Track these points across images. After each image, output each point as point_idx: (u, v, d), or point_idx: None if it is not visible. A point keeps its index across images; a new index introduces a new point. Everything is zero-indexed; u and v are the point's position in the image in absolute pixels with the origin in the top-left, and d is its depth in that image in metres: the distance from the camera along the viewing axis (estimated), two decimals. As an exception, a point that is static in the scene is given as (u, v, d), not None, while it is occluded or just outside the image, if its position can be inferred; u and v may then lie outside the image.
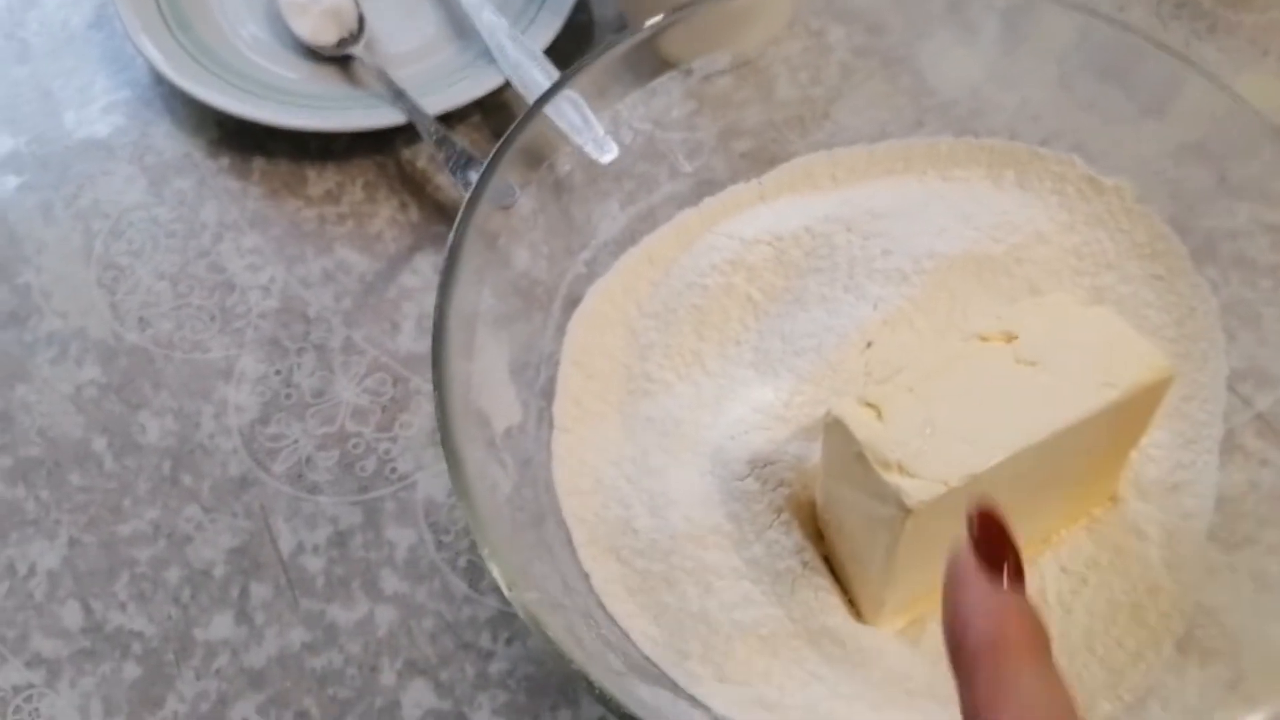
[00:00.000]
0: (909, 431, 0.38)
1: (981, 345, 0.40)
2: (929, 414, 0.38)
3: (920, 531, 0.38)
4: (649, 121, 0.53)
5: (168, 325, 0.58)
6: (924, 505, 0.37)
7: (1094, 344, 0.40)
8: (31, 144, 0.65)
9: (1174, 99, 0.53)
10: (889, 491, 0.37)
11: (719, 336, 0.49)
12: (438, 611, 0.50)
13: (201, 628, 0.50)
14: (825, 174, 0.54)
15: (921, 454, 0.37)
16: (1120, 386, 0.39)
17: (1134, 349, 0.40)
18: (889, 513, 0.38)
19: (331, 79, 0.66)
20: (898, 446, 0.38)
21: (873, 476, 0.38)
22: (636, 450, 0.46)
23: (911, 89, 0.59)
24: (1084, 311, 0.41)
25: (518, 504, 0.42)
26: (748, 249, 0.50)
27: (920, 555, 0.40)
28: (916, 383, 0.39)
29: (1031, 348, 0.40)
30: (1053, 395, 0.39)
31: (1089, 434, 0.39)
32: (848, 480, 0.40)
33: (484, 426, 0.42)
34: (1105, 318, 0.41)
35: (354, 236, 0.61)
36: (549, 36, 0.64)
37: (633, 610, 0.43)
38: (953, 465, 0.37)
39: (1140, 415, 0.42)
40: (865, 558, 0.41)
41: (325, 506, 0.53)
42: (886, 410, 0.39)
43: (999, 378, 0.39)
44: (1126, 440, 0.43)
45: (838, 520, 0.43)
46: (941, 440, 0.38)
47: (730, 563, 0.43)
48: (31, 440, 0.55)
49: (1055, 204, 0.51)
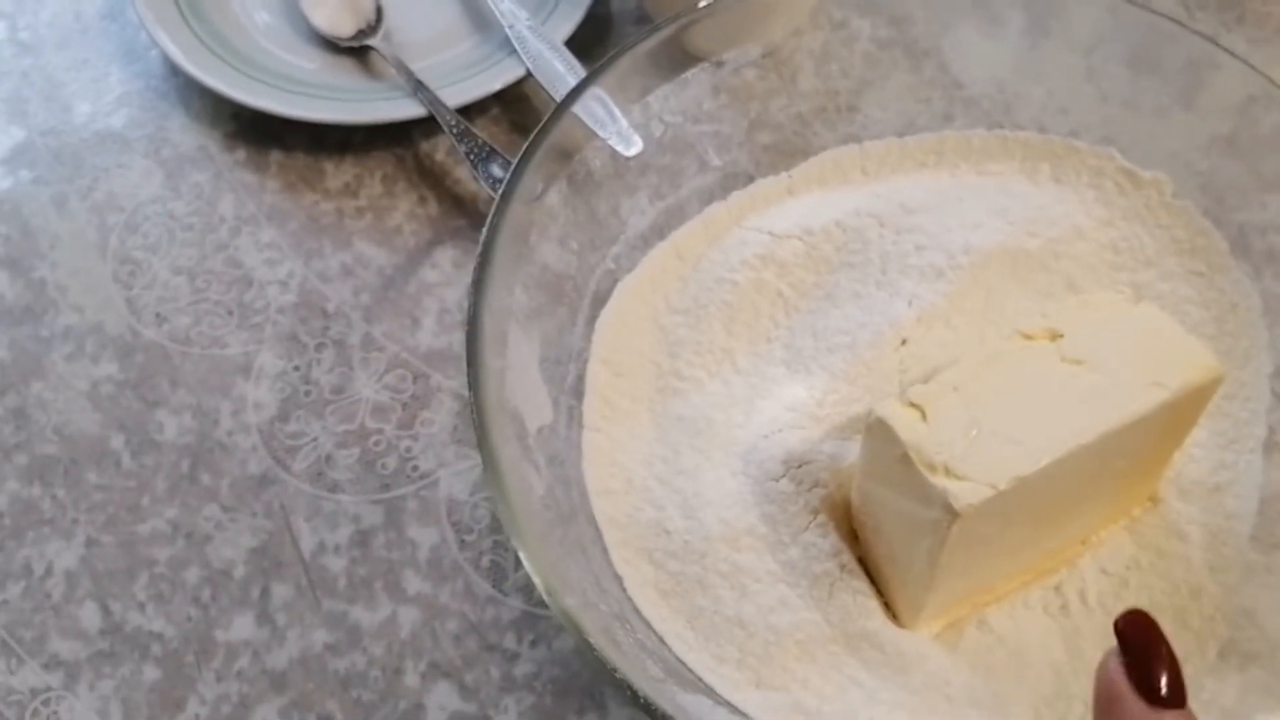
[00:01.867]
0: (955, 433, 0.37)
1: (1026, 343, 0.39)
2: (974, 414, 0.37)
3: (965, 535, 0.37)
4: (677, 115, 0.52)
5: (185, 321, 0.57)
6: (972, 509, 0.36)
7: (1142, 343, 0.39)
8: (45, 136, 0.64)
9: (1204, 89, 0.52)
10: (935, 494, 0.36)
11: (749, 333, 0.48)
12: (461, 612, 0.49)
13: (222, 629, 0.49)
14: (855, 167, 0.53)
15: (968, 456, 0.36)
16: (1170, 387, 0.38)
17: (1183, 348, 0.39)
18: (935, 516, 0.37)
19: (349, 70, 0.65)
20: (944, 448, 0.37)
21: (918, 479, 0.37)
22: (668, 450, 0.45)
23: (937, 81, 0.58)
24: (1131, 309, 0.40)
25: (550, 505, 0.41)
26: (778, 244, 0.49)
27: (964, 559, 0.39)
28: (961, 382, 0.38)
29: (1077, 346, 0.39)
30: (1101, 395, 0.38)
31: (1137, 435, 0.38)
32: (889, 483, 0.39)
33: (518, 426, 0.41)
34: (1152, 316, 0.40)
35: (372, 230, 0.60)
36: (569, 28, 0.63)
37: (667, 614, 0.42)
38: (1000, 467, 0.36)
39: (1188, 416, 0.41)
40: (905, 561, 0.40)
41: (346, 505, 0.52)
42: (931, 411, 0.38)
43: (1045, 377, 0.38)
44: (1172, 441, 0.42)
45: (875, 522, 0.42)
46: (988, 441, 0.37)
47: (766, 565, 0.42)
48: (48, 438, 0.54)
49: (1092, 198, 0.50)
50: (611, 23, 0.69)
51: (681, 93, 0.52)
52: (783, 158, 0.54)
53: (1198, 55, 0.49)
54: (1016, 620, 0.43)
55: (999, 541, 0.40)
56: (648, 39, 0.50)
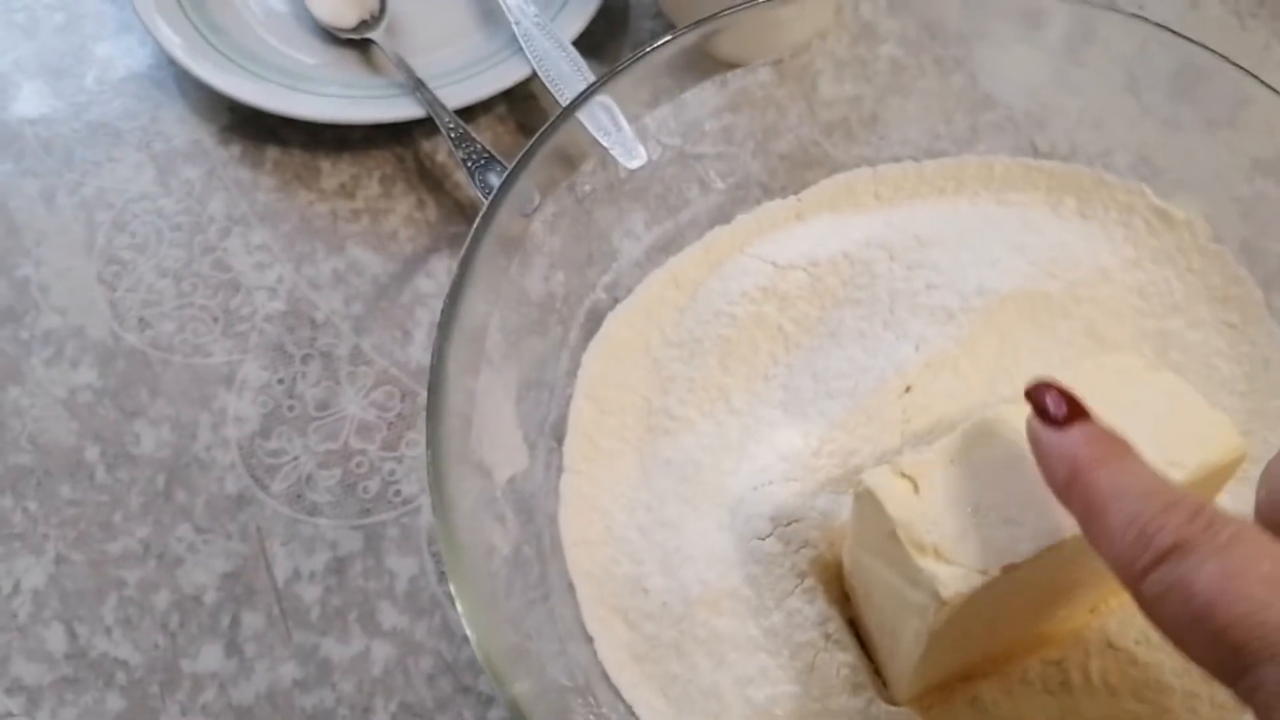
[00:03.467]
0: (947, 510, 0.34)
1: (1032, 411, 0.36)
2: (969, 491, 0.34)
3: (954, 620, 0.34)
4: (677, 135, 0.49)
5: (169, 326, 0.55)
6: (960, 597, 0.33)
7: (1159, 415, 0.36)
8: (36, 125, 0.62)
9: (1245, 110, 0.48)
10: (923, 578, 0.33)
11: (747, 370, 0.46)
12: (437, 650, 0.47)
13: (189, 658, 0.47)
14: (868, 191, 0.50)
15: (960, 538, 0.34)
16: (1188, 467, 0.35)
17: (1204, 422, 0.36)
18: (921, 600, 0.34)
19: (349, 64, 0.62)
20: (934, 527, 0.34)
21: (905, 558, 0.34)
22: (652, 497, 0.43)
23: (965, 91, 0.54)
24: (1150, 377, 0.37)
25: (517, 564, 0.39)
26: (781, 275, 0.46)
27: (955, 639, 0.36)
28: (957, 453, 0.35)
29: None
30: None
31: None
32: (879, 555, 0.36)
33: (485, 479, 0.39)
34: (1173, 385, 0.37)
35: (368, 235, 0.58)
36: (580, 24, 0.60)
37: (638, 680, 0.39)
38: (993, 553, 0.33)
39: (1208, 492, 0.38)
40: (893, 634, 0.38)
41: (324, 530, 0.50)
42: (924, 484, 0.35)
43: None
44: None
45: (865, 589, 0.39)
46: (982, 522, 0.34)
47: (747, 631, 0.39)
48: (22, 447, 0.52)
49: (1120, 237, 0.46)
50: (628, 17, 0.66)
51: (683, 111, 0.49)
52: (793, 178, 0.51)
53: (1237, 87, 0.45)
54: (1013, 697, 0.40)
55: (995, 620, 0.37)
56: (657, 48, 0.47)
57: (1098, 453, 0.30)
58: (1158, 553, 0.26)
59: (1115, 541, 0.28)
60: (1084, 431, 0.30)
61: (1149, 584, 0.27)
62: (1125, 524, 0.27)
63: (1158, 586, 0.26)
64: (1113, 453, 0.30)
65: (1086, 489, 0.29)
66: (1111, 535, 0.28)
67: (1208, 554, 0.26)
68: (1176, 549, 0.26)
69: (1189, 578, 0.26)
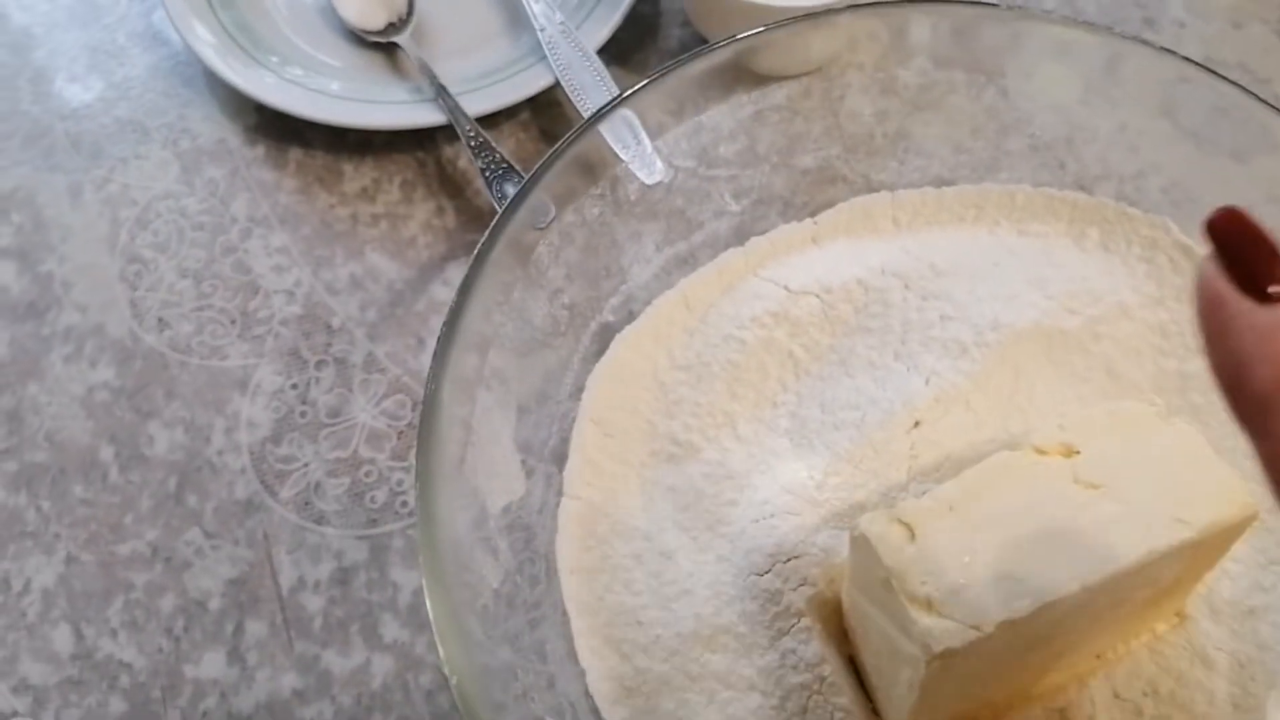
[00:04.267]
0: (944, 561, 0.33)
1: (1037, 459, 0.35)
2: (968, 541, 0.34)
3: (948, 671, 0.34)
4: (691, 158, 0.48)
5: (187, 328, 0.55)
6: (951, 652, 0.32)
7: (1168, 468, 0.35)
8: (66, 121, 0.62)
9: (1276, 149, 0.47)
10: (915, 631, 0.33)
11: (754, 396, 0.45)
12: (436, 666, 0.47)
13: (192, 664, 0.48)
14: (886, 216, 0.49)
15: (955, 590, 0.33)
16: (1196, 526, 0.34)
17: (1215, 478, 0.35)
18: (913, 651, 0.33)
19: (375, 68, 0.62)
20: (930, 578, 0.33)
21: (899, 607, 0.33)
22: (651, 525, 0.42)
23: (996, 108, 0.53)
24: (1160, 427, 0.36)
25: (508, 594, 0.39)
26: (793, 301, 0.46)
27: (950, 689, 0.35)
28: (958, 501, 0.34)
29: (1095, 467, 0.35)
30: (1114, 530, 0.34)
31: (1153, 571, 0.34)
32: (874, 600, 0.36)
33: (478, 509, 0.38)
34: (1185, 436, 0.36)
35: (386, 240, 0.58)
36: (606, 33, 0.60)
37: (627, 716, 0.39)
38: (988, 607, 0.33)
39: (1217, 549, 0.37)
40: (889, 679, 0.37)
41: (331, 539, 0.50)
42: (921, 532, 0.34)
43: (1053, 503, 0.34)
44: (1198, 569, 0.38)
45: (863, 630, 0.38)
46: (979, 575, 0.33)
47: (740, 670, 0.39)
48: (39, 444, 0.53)
49: (1143, 273, 0.45)
50: (658, 25, 0.65)
51: (698, 135, 0.48)
52: (814, 193, 0.51)
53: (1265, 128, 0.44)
54: (1013, 744, 0.39)
55: (992, 671, 0.36)
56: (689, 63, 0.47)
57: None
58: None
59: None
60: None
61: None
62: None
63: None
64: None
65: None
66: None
67: None
68: None
69: None
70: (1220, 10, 0.67)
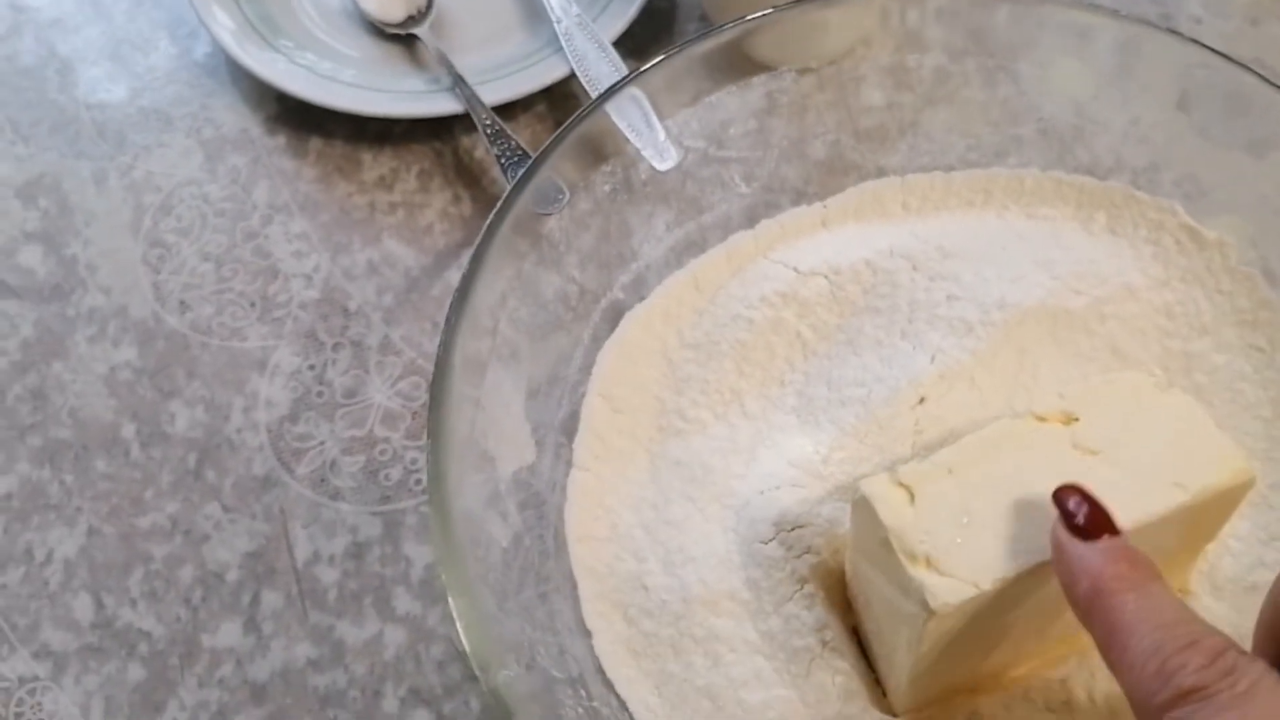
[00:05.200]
0: (942, 521, 0.34)
1: (1036, 426, 0.36)
2: (966, 502, 0.34)
3: (947, 631, 0.34)
4: (701, 138, 0.49)
5: (208, 310, 0.57)
6: (949, 608, 0.33)
7: (1166, 436, 0.35)
8: (92, 110, 0.63)
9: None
10: (913, 588, 0.33)
11: (762, 375, 0.46)
12: (448, 638, 0.48)
13: (209, 633, 0.49)
14: (896, 200, 0.49)
15: (953, 549, 0.33)
16: (1191, 489, 0.34)
17: (1211, 445, 0.35)
18: (912, 609, 0.34)
19: (394, 59, 0.63)
20: (928, 537, 0.34)
21: (898, 567, 0.34)
22: (659, 496, 0.43)
23: (1009, 102, 0.54)
24: (1159, 397, 0.36)
25: (516, 556, 0.39)
26: (802, 281, 0.46)
27: (948, 652, 0.36)
28: (957, 464, 0.35)
29: (1093, 434, 0.35)
30: (1111, 493, 0.34)
31: (1151, 536, 0.35)
32: (874, 563, 0.36)
33: (488, 472, 0.39)
34: (1183, 405, 0.36)
35: (403, 228, 0.59)
36: (621, 25, 0.61)
37: (634, 676, 0.40)
38: (986, 566, 0.33)
39: (1215, 517, 0.37)
40: (890, 644, 0.38)
41: (345, 515, 0.51)
42: (920, 494, 0.35)
43: (1052, 466, 0.35)
44: (1200, 539, 0.39)
45: (865, 597, 0.39)
46: (977, 534, 0.34)
47: (744, 634, 0.40)
48: (62, 421, 0.54)
49: (1149, 255, 0.46)
50: (674, 19, 0.66)
51: (711, 114, 0.49)
52: (824, 183, 0.51)
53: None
54: (1013, 713, 0.40)
55: (991, 633, 0.37)
56: (698, 44, 0.48)
57: (1123, 572, 0.29)
58: (1177, 691, 0.27)
59: (1135, 671, 0.28)
60: (1111, 548, 0.30)
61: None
62: (1147, 655, 0.27)
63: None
64: (1139, 576, 0.29)
65: (1109, 611, 0.29)
66: (1131, 663, 0.28)
67: (1225, 703, 0.26)
68: (1196, 691, 0.26)
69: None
70: (1238, 7, 0.67)
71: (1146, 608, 0.28)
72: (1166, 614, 0.28)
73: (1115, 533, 0.31)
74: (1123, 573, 0.29)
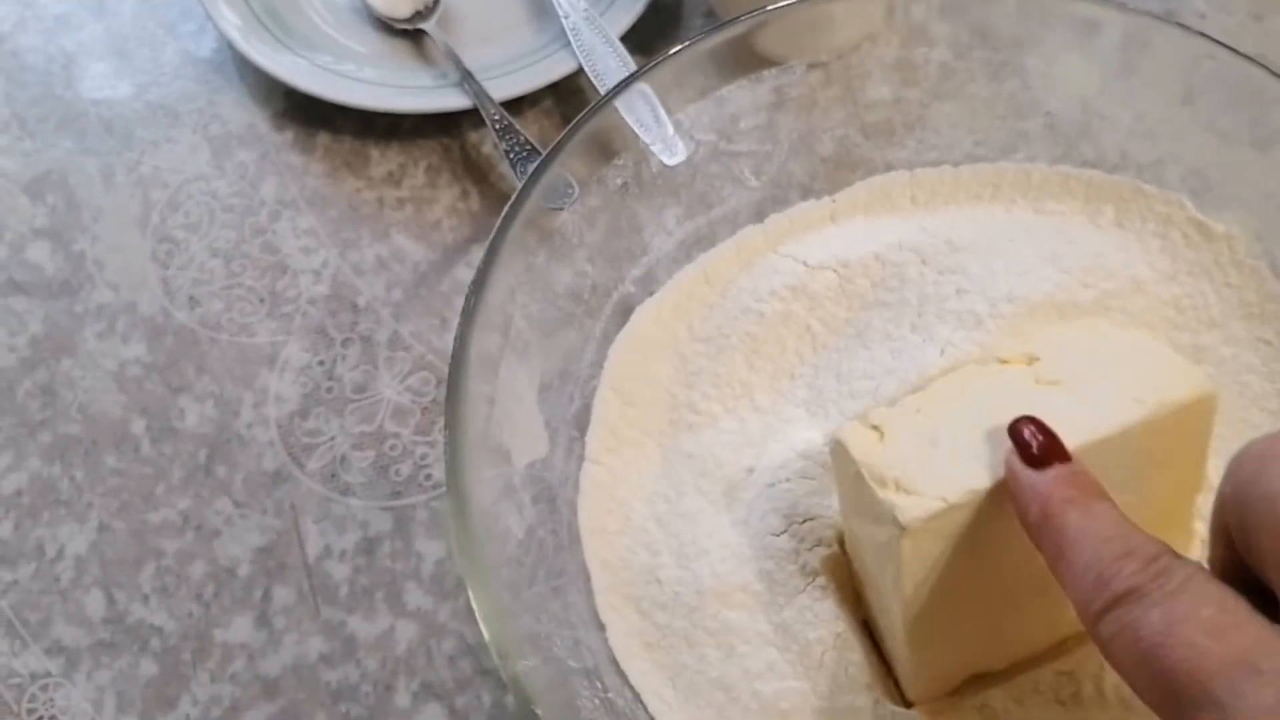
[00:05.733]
0: (910, 450, 0.35)
1: (1000, 367, 0.37)
2: (933, 433, 0.35)
3: (924, 555, 0.34)
4: (712, 132, 0.49)
5: (217, 305, 0.57)
6: (920, 523, 0.33)
7: (1124, 364, 0.36)
8: (98, 105, 0.64)
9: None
10: (884, 510, 0.34)
11: (772, 369, 0.46)
12: (459, 633, 0.48)
13: (221, 628, 0.49)
14: (904, 195, 0.50)
15: (920, 472, 0.34)
16: (1149, 404, 0.35)
17: (1171, 368, 0.36)
18: (887, 536, 0.34)
19: (402, 55, 0.63)
20: (897, 465, 0.34)
21: (871, 497, 0.35)
22: (671, 489, 0.43)
23: (1015, 97, 0.54)
24: (1119, 334, 0.37)
25: (530, 548, 0.40)
26: (811, 275, 0.46)
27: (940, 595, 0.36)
28: (925, 405, 0.36)
29: (1054, 368, 0.36)
30: (1072, 413, 0.34)
31: (1120, 459, 0.35)
32: (856, 510, 0.37)
33: (504, 464, 0.39)
34: (1143, 340, 0.37)
35: (411, 223, 0.59)
36: (629, 20, 0.61)
37: (648, 669, 0.40)
38: (954, 482, 0.34)
39: (1187, 449, 0.37)
40: (886, 605, 0.38)
41: (356, 510, 0.51)
42: (889, 431, 0.36)
43: (1015, 398, 0.35)
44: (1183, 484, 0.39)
45: (861, 565, 0.39)
46: (944, 458, 0.34)
47: (757, 626, 0.40)
48: (72, 417, 0.54)
49: (1157, 249, 0.46)
50: (680, 15, 0.66)
51: (720, 108, 0.49)
52: (831, 178, 0.51)
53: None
54: (1024, 705, 0.40)
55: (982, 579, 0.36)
56: (707, 39, 0.48)
57: (1070, 494, 0.31)
58: (1112, 596, 0.28)
59: (1077, 583, 0.29)
60: (1059, 472, 0.31)
61: (1103, 625, 0.28)
62: (1086, 567, 0.29)
63: (1110, 628, 0.28)
64: (1084, 497, 0.30)
65: (1057, 530, 0.30)
66: (1075, 576, 0.29)
67: (1156, 600, 0.27)
68: (1129, 594, 0.27)
69: (1137, 622, 0.27)
70: (1241, 3, 0.67)
71: (1089, 525, 0.29)
72: (1108, 529, 0.29)
73: (1065, 459, 0.32)
74: (1069, 495, 0.30)
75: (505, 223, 0.41)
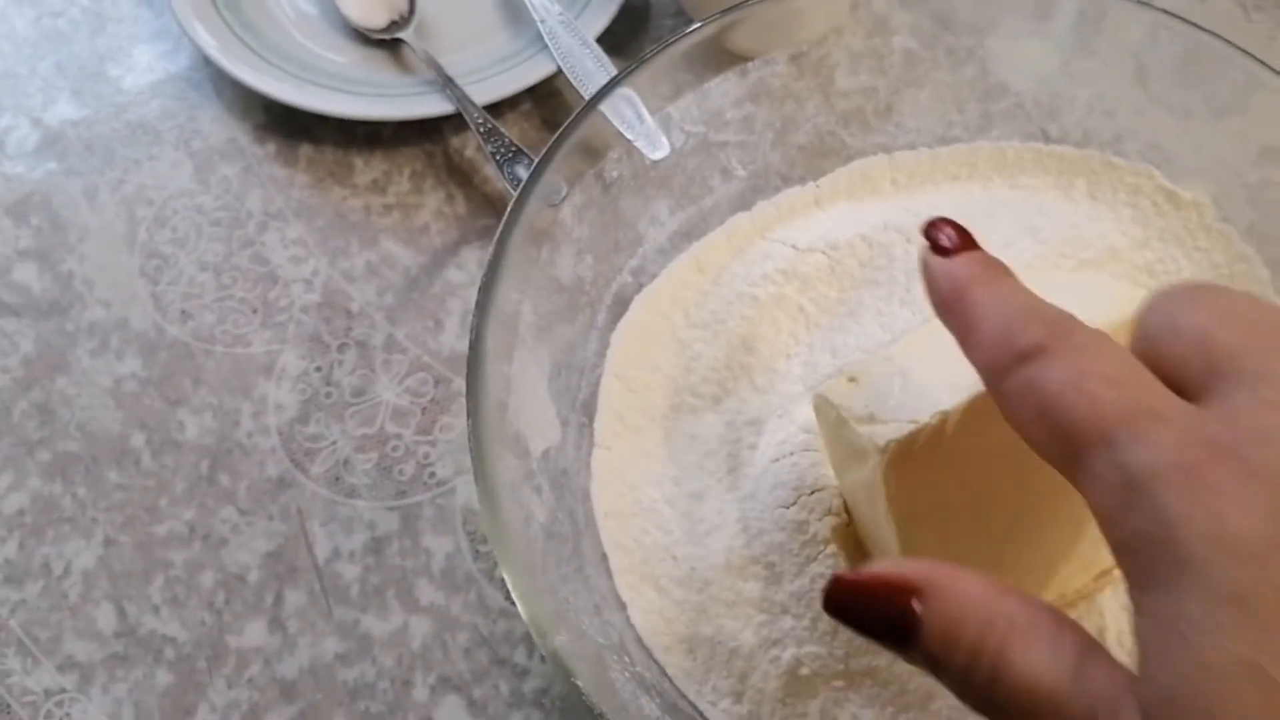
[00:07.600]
0: (883, 387, 0.36)
1: None
2: (905, 371, 0.37)
3: (909, 482, 0.36)
4: (700, 123, 0.51)
5: (210, 318, 0.57)
6: (896, 445, 0.34)
7: (1080, 292, 0.37)
8: (77, 127, 0.64)
9: (1253, 99, 0.50)
10: (863, 441, 0.35)
11: (768, 350, 0.47)
12: (473, 625, 0.49)
13: (235, 635, 0.49)
14: (884, 178, 0.51)
15: (893, 404, 0.35)
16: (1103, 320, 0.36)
17: (1123, 295, 0.37)
18: (869, 471, 0.36)
19: (380, 63, 0.64)
20: (872, 401, 0.36)
21: (851, 435, 0.36)
22: (679, 470, 0.45)
23: (978, 81, 0.56)
24: (1073, 274, 0.39)
25: (553, 532, 0.41)
26: (801, 258, 0.48)
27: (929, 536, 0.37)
28: (897, 353, 0.38)
29: None
30: None
31: None
32: (845, 460, 0.38)
33: (522, 452, 0.40)
34: (1097, 278, 0.39)
35: (399, 229, 0.60)
36: (603, 22, 0.62)
37: (669, 643, 0.41)
38: (925, 404, 0.35)
39: None
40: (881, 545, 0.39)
41: (362, 511, 0.52)
42: (864, 377, 0.37)
43: None
44: None
45: (863, 526, 0.41)
46: (914, 388, 0.36)
47: (772, 596, 0.41)
48: (70, 435, 0.54)
49: (1129, 218, 0.48)
50: (649, 15, 0.67)
51: (704, 100, 0.51)
52: (811, 166, 0.53)
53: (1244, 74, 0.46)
54: (1032, 659, 0.41)
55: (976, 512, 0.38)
56: (682, 39, 0.49)
57: (978, 272, 0.30)
58: (1017, 354, 0.27)
59: (984, 348, 0.29)
60: (969, 256, 0.31)
61: (1007, 384, 0.28)
62: (994, 330, 0.28)
63: (1013, 385, 0.27)
64: (992, 274, 0.30)
65: (965, 305, 0.30)
66: (982, 342, 0.29)
67: (1059, 355, 0.27)
68: (1034, 350, 0.27)
69: (1040, 377, 0.27)
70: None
71: (997, 297, 0.29)
72: (1016, 300, 0.29)
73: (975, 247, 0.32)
74: (977, 273, 0.30)
75: (509, 223, 0.42)
